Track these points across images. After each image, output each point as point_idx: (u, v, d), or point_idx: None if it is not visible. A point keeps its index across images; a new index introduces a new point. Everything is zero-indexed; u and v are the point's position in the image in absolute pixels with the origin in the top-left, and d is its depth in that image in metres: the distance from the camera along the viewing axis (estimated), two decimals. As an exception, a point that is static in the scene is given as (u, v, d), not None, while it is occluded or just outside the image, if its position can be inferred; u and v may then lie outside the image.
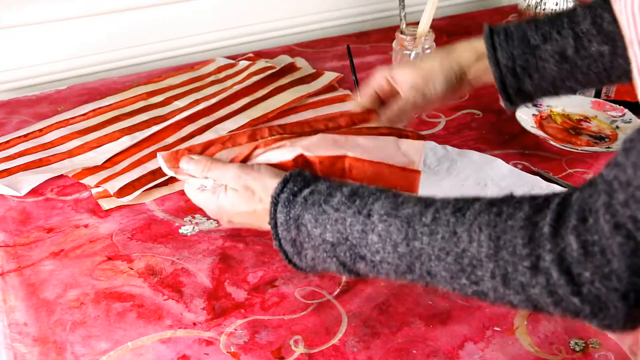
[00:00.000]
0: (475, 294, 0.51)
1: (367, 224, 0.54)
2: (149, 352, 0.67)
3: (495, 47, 0.74)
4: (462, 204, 0.52)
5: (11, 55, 1.20)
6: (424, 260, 0.52)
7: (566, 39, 0.72)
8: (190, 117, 1.06)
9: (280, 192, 0.59)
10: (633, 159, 0.41)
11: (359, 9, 1.48)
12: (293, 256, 0.59)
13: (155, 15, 1.29)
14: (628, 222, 0.41)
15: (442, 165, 0.95)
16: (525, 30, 0.74)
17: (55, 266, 0.79)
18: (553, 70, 0.73)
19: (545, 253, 0.45)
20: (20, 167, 0.95)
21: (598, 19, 0.72)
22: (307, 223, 0.57)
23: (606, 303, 0.44)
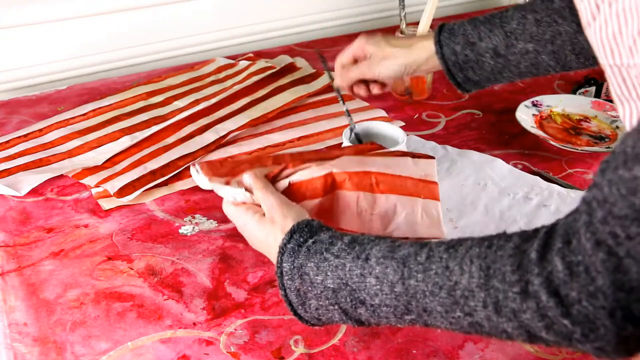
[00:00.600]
0: (471, 326, 0.51)
1: (365, 267, 0.55)
2: (149, 352, 0.67)
3: (441, 44, 0.85)
4: (455, 242, 0.53)
5: (11, 55, 1.20)
6: (419, 298, 0.52)
7: (497, 37, 0.83)
8: (190, 117, 1.06)
9: (287, 242, 0.60)
10: (608, 177, 0.42)
11: (359, 9, 1.48)
12: (298, 307, 0.60)
13: (155, 15, 1.29)
14: (608, 238, 0.42)
15: (442, 165, 0.95)
16: (466, 29, 0.85)
17: (55, 266, 0.79)
18: (490, 64, 0.84)
19: (533, 277, 0.46)
20: (20, 167, 0.95)
21: (523, 19, 0.82)
22: (309, 271, 0.58)
23: (595, 322, 0.44)
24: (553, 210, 0.86)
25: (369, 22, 1.49)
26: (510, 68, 0.84)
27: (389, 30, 1.39)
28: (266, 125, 1.07)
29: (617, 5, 0.49)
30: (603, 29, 0.50)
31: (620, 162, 0.42)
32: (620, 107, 0.52)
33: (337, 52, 1.34)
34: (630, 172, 0.41)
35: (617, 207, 0.41)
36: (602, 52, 0.51)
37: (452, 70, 0.86)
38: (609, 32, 0.49)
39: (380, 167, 0.69)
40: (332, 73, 0.97)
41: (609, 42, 0.50)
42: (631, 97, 0.51)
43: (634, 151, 0.41)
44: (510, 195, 0.89)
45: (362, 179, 0.68)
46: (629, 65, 0.49)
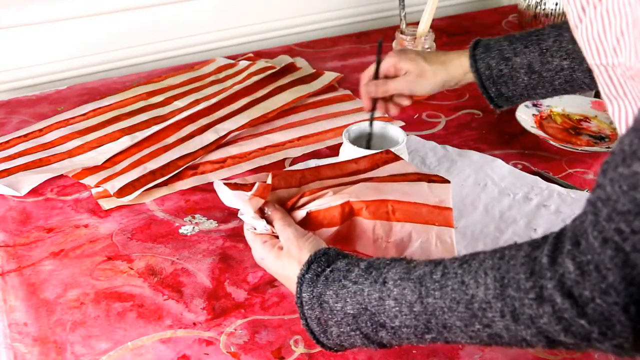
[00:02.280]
0: (491, 337, 0.52)
1: (384, 290, 0.56)
2: (149, 352, 0.67)
3: (476, 59, 0.88)
4: (468, 257, 0.54)
5: (11, 55, 1.20)
6: (438, 315, 0.53)
7: (533, 53, 0.85)
8: (190, 117, 1.06)
9: (305, 272, 0.61)
10: (609, 176, 0.43)
11: (359, 9, 1.48)
12: (320, 335, 0.61)
13: (155, 15, 1.29)
14: (614, 234, 0.43)
15: (442, 165, 0.95)
16: (502, 44, 0.87)
17: (55, 266, 0.79)
18: (524, 79, 0.87)
19: (546, 282, 0.47)
20: (20, 167, 0.95)
21: (560, 37, 0.84)
22: (329, 299, 0.59)
23: (610, 319, 0.44)
24: (553, 210, 0.86)
25: (369, 22, 1.49)
26: (544, 84, 0.86)
27: (389, 30, 1.39)
28: (266, 125, 1.07)
29: (601, 7, 0.50)
30: (589, 30, 0.52)
31: (620, 160, 0.43)
32: (609, 105, 0.54)
33: (337, 52, 1.35)
34: (630, 168, 0.42)
35: (620, 204, 0.42)
36: (589, 53, 0.53)
37: (485, 85, 0.88)
38: (594, 33, 0.51)
39: (397, 194, 0.70)
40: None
41: (594, 42, 0.51)
42: (618, 95, 0.53)
43: (631, 148, 0.42)
44: (510, 196, 0.89)
45: (379, 207, 0.69)
46: (613, 65, 0.51)
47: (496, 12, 1.56)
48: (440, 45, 1.22)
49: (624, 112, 0.53)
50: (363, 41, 1.40)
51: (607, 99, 0.53)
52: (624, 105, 0.52)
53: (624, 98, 0.52)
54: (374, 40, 1.40)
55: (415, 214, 0.69)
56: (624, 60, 0.49)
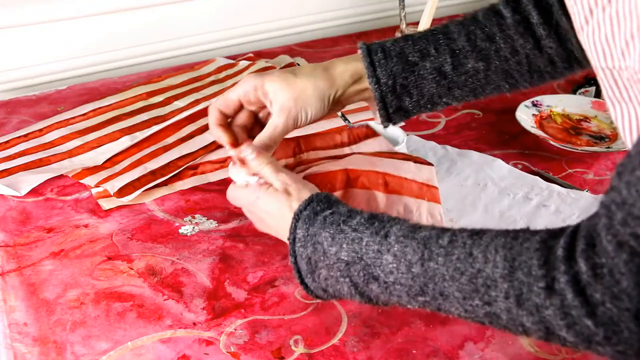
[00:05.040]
0: (487, 315, 0.51)
1: (384, 244, 0.55)
2: (149, 352, 0.67)
3: (374, 66, 0.71)
4: (478, 230, 0.53)
5: (11, 55, 1.20)
6: (438, 281, 0.52)
7: (443, 55, 0.72)
8: (190, 117, 1.06)
9: (303, 209, 0.60)
10: (626, 179, 0.42)
11: (359, 9, 1.48)
12: (306, 275, 0.60)
13: (155, 15, 1.29)
14: (630, 239, 0.42)
15: (442, 165, 0.95)
16: (402, 47, 0.72)
17: (55, 266, 0.79)
18: (432, 86, 0.72)
19: (560, 275, 0.46)
20: (20, 167, 0.95)
21: (472, 35, 0.72)
22: (323, 241, 0.57)
23: (619, 325, 0.44)
24: (553, 210, 0.86)
25: (369, 22, 1.49)
26: (453, 91, 0.73)
27: (389, 30, 1.39)
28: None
29: (610, 9, 0.49)
30: (596, 32, 0.51)
31: (637, 163, 0.42)
32: (612, 109, 0.53)
33: (337, 52, 1.35)
34: None
35: (637, 208, 0.41)
36: (595, 55, 0.52)
37: (385, 98, 0.72)
38: (602, 36, 0.50)
39: (389, 168, 0.71)
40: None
41: (601, 45, 0.51)
42: (622, 98, 0.52)
43: None
44: (510, 196, 0.89)
45: (374, 178, 0.70)
46: (620, 68, 0.50)
47: (496, 12, 1.56)
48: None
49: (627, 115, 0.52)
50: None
51: (610, 102, 0.53)
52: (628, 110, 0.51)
53: (628, 102, 0.51)
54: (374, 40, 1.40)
55: (407, 188, 0.71)
56: (632, 63, 0.48)
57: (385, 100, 0.72)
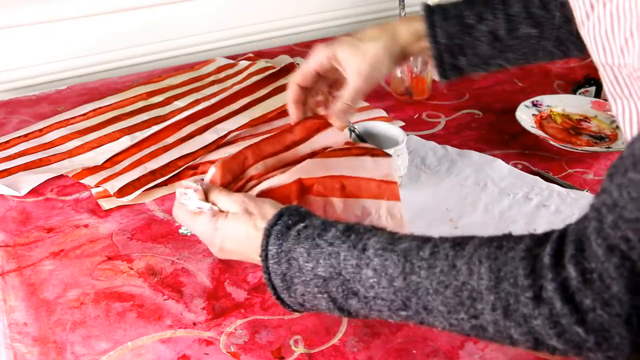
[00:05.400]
0: (474, 329, 0.50)
1: (362, 258, 0.53)
2: (149, 352, 0.67)
3: (434, 26, 0.76)
4: (460, 239, 0.52)
5: (11, 55, 1.20)
6: (421, 295, 0.51)
7: (498, 20, 0.75)
8: (190, 117, 1.06)
9: (274, 224, 0.58)
10: (617, 181, 0.42)
11: (359, 9, 1.48)
12: (282, 292, 0.58)
13: (155, 15, 1.29)
14: (620, 242, 0.41)
15: (442, 165, 0.95)
16: (462, 10, 0.77)
17: (55, 266, 0.79)
18: (486, 48, 0.77)
19: (547, 283, 0.45)
20: (20, 167, 0.95)
21: (527, 2, 0.76)
22: (298, 257, 0.56)
23: (610, 331, 0.43)
24: (553, 211, 0.86)
25: (369, 22, 1.49)
26: (506, 54, 0.78)
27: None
28: (266, 125, 1.07)
29: (611, 5, 0.49)
30: (596, 27, 0.50)
31: (630, 165, 0.41)
32: (614, 104, 0.52)
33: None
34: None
35: (628, 211, 0.41)
36: (595, 51, 0.51)
37: (442, 56, 0.77)
38: (602, 31, 0.50)
39: (345, 169, 0.70)
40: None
41: (601, 41, 0.50)
42: (623, 94, 0.51)
43: None
44: (510, 196, 0.89)
45: (330, 183, 0.68)
46: (619, 65, 0.50)
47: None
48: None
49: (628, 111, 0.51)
50: (363, 41, 1.40)
51: (612, 98, 0.52)
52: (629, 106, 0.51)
53: (629, 98, 0.51)
54: (374, 40, 1.40)
55: (366, 189, 0.70)
56: (631, 61, 0.48)
57: (442, 58, 0.77)
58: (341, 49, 0.75)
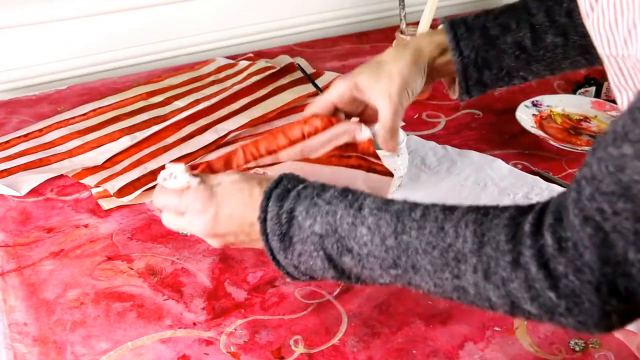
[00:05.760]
0: (456, 289, 0.52)
1: (358, 217, 0.55)
2: (149, 352, 0.67)
3: (458, 40, 0.73)
4: (450, 205, 0.54)
5: (11, 55, 1.20)
6: (411, 254, 0.53)
7: (523, 30, 0.74)
8: (191, 117, 1.06)
9: (274, 187, 0.59)
10: (598, 155, 0.43)
11: (359, 9, 1.48)
12: (279, 253, 0.58)
13: (155, 15, 1.29)
14: (596, 214, 0.43)
15: (442, 165, 0.95)
16: (484, 22, 0.74)
17: (55, 266, 0.79)
18: (510, 60, 0.75)
19: (525, 249, 0.47)
20: (20, 167, 0.95)
21: (550, 10, 0.74)
22: (298, 215, 0.57)
23: (580, 297, 0.45)
24: (553, 210, 0.86)
25: (369, 22, 1.49)
26: (531, 65, 0.76)
27: (389, 30, 1.39)
28: (266, 125, 1.07)
29: None
30: (600, 19, 0.51)
31: (610, 141, 0.43)
32: (618, 95, 0.53)
33: (337, 52, 1.35)
34: (619, 149, 0.42)
35: (605, 184, 0.42)
36: (600, 43, 0.52)
37: (468, 71, 0.74)
38: (606, 23, 0.50)
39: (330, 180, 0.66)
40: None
41: (605, 32, 0.51)
42: (628, 85, 0.52)
43: (624, 130, 0.42)
44: (510, 195, 0.89)
45: None
46: (624, 56, 0.50)
47: (496, 12, 1.56)
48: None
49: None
50: (363, 41, 1.40)
51: (617, 89, 0.53)
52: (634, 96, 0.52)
53: (634, 89, 0.52)
54: (374, 40, 1.40)
55: None
56: (634, 52, 0.48)
57: (467, 73, 0.74)
58: (361, 77, 0.71)
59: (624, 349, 0.68)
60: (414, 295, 0.74)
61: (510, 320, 0.71)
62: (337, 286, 0.75)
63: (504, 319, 0.71)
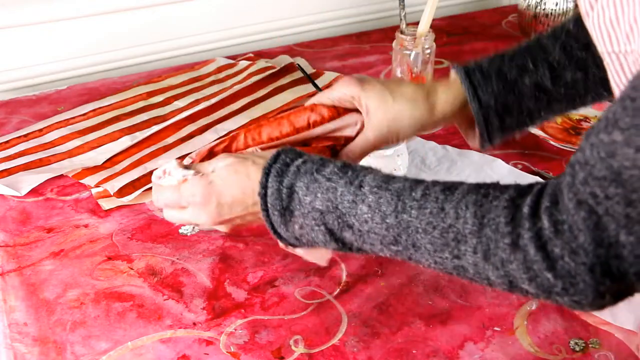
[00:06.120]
0: (455, 268, 0.53)
1: (358, 194, 0.56)
2: (149, 352, 0.67)
3: (475, 88, 0.70)
4: (450, 184, 0.55)
5: (11, 55, 1.20)
6: (411, 233, 0.53)
7: (542, 69, 0.71)
8: (191, 117, 1.06)
9: (273, 163, 0.59)
10: (591, 140, 0.44)
11: (359, 9, 1.48)
12: (280, 226, 0.59)
13: (155, 15, 1.29)
14: (589, 198, 0.44)
15: (442, 165, 0.95)
16: (499, 66, 0.71)
17: (55, 266, 0.79)
18: (531, 102, 0.72)
19: (524, 231, 0.48)
20: (20, 167, 0.95)
21: (567, 47, 0.72)
22: (298, 190, 0.58)
23: (576, 278, 0.46)
24: (553, 210, 0.86)
25: (369, 22, 1.49)
26: (552, 105, 0.73)
27: (389, 30, 1.39)
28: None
29: None
30: (601, 16, 0.51)
31: (602, 127, 0.44)
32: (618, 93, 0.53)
33: (337, 52, 1.35)
34: (610, 136, 0.43)
35: (597, 169, 0.44)
36: (601, 40, 0.52)
37: (490, 119, 0.70)
38: (607, 20, 0.51)
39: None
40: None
41: (607, 29, 0.51)
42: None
43: (615, 117, 0.43)
44: (510, 195, 0.89)
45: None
46: (626, 52, 0.51)
47: (496, 12, 1.56)
48: (440, 45, 1.22)
49: None
50: (363, 41, 1.40)
51: (617, 87, 0.53)
52: None
53: None
54: (374, 40, 1.40)
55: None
56: (636, 47, 0.49)
57: (488, 121, 0.71)
58: (367, 95, 0.69)
59: (624, 349, 0.68)
60: (414, 295, 0.74)
61: (510, 320, 0.71)
62: (337, 286, 0.75)
63: (504, 319, 0.71)
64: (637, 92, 0.42)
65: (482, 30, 1.45)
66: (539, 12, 1.32)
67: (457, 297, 0.74)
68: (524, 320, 0.71)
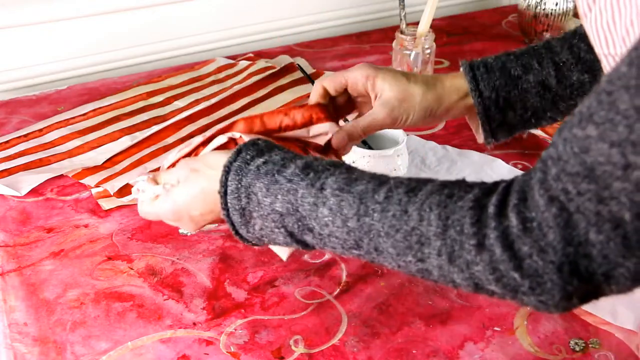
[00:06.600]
0: (420, 271, 0.52)
1: (319, 197, 0.55)
2: (149, 352, 0.67)
3: (477, 81, 0.71)
4: (414, 184, 0.53)
5: (11, 55, 1.20)
6: (373, 236, 0.53)
7: (547, 69, 0.72)
8: (191, 117, 1.06)
9: (233, 160, 0.59)
10: (564, 135, 0.44)
11: (359, 9, 1.48)
12: (240, 227, 0.59)
13: (155, 15, 1.29)
14: (561, 194, 0.44)
15: (442, 165, 0.95)
16: (504, 62, 0.72)
17: (55, 266, 0.79)
18: (535, 100, 0.72)
19: (490, 231, 0.47)
20: (20, 167, 0.95)
21: (575, 48, 0.72)
22: (257, 192, 0.57)
23: (543, 277, 0.46)
24: (553, 210, 0.86)
25: (369, 22, 1.49)
26: (558, 105, 0.73)
27: (389, 30, 1.39)
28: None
29: None
30: (598, 19, 0.51)
31: (576, 122, 0.43)
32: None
33: (337, 52, 1.35)
34: (583, 131, 0.42)
35: (570, 165, 0.43)
36: (598, 42, 0.52)
37: (489, 112, 0.72)
38: (604, 22, 0.51)
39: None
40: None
41: (603, 32, 0.51)
42: None
43: (589, 111, 0.42)
44: (510, 195, 0.89)
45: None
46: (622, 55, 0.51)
47: (496, 12, 1.56)
48: (440, 45, 1.22)
49: None
50: (363, 41, 1.40)
51: None
52: None
53: None
54: (374, 40, 1.40)
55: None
56: None
57: (489, 115, 0.72)
58: (384, 75, 0.70)
59: (624, 348, 0.68)
60: (414, 295, 0.74)
61: (511, 320, 0.71)
62: (337, 286, 0.75)
63: (504, 319, 0.71)
64: (613, 86, 0.41)
65: (482, 30, 1.44)
66: (539, 12, 1.32)
67: (457, 297, 0.74)
68: (524, 320, 0.71)
